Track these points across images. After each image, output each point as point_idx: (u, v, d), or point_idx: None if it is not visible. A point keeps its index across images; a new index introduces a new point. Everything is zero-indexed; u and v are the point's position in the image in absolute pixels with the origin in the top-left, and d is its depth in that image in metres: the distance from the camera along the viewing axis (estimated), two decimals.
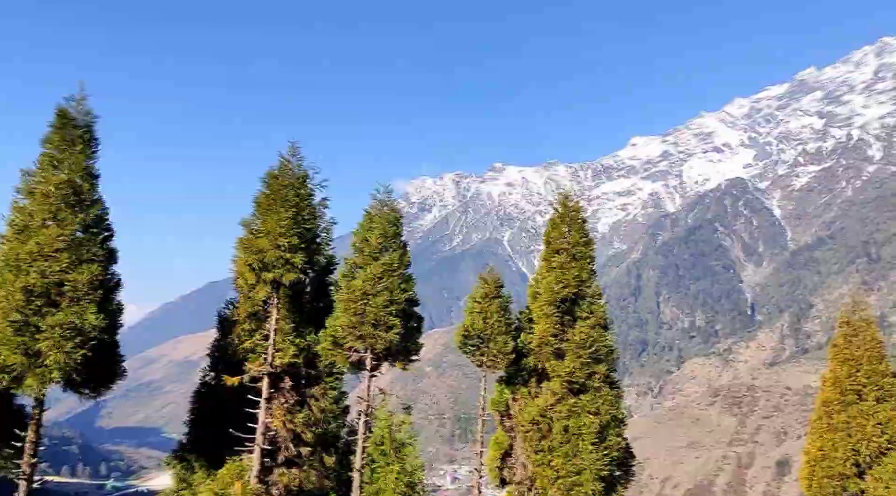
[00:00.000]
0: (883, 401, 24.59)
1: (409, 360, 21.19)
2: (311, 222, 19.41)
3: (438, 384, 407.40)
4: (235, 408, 19.19)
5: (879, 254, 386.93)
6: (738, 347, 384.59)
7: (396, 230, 20.96)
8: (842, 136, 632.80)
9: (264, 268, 18.40)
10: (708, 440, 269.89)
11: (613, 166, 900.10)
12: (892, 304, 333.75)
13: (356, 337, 19.87)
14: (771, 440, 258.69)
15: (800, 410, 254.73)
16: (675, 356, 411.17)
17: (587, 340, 22.61)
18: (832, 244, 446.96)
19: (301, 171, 19.50)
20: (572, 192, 26.03)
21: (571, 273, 23.22)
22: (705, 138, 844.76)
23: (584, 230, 24.36)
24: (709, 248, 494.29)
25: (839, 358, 25.84)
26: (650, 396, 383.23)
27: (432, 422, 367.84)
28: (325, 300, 21.13)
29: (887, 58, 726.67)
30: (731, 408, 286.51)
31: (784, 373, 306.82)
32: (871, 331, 25.89)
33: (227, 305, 21.29)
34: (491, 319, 22.88)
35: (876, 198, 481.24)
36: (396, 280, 20.26)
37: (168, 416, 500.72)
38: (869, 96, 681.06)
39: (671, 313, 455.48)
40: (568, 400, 22.30)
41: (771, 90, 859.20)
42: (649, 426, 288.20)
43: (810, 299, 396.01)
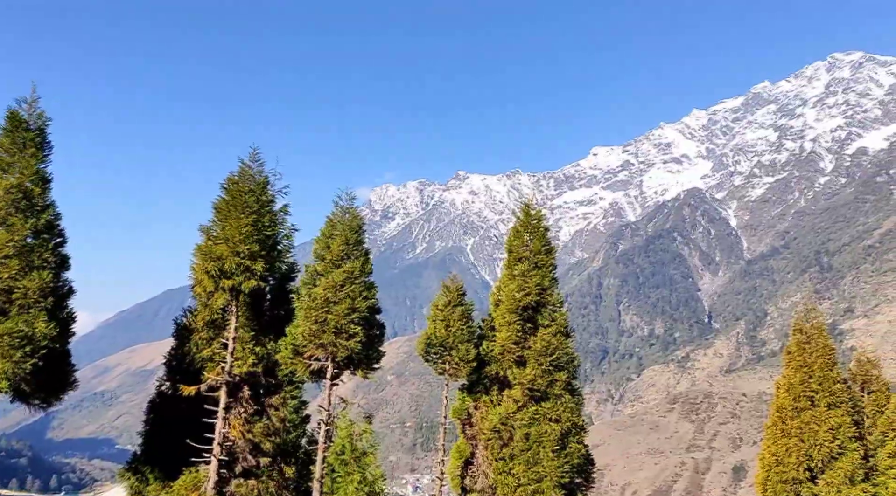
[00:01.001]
0: (834, 406, 25.21)
1: (370, 369, 20.99)
2: (271, 229, 19.11)
3: (401, 392, 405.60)
4: (192, 419, 18.76)
5: (831, 263, 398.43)
6: (695, 355, 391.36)
7: (359, 237, 20.79)
8: (795, 149, 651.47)
9: (223, 276, 18.06)
10: (666, 446, 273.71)
11: (575, 176, 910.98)
12: (843, 312, 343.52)
13: (317, 345, 19.63)
14: (727, 446, 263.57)
15: (755, 416, 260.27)
16: (634, 363, 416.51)
17: (549, 348, 22.73)
18: (786, 253, 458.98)
19: (262, 177, 19.20)
20: (534, 201, 26.21)
21: (533, 281, 23.36)
22: (664, 149, 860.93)
23: (546, 239, 24.53)
24: (668, 256, 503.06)
25: (793, 365, 26.44)
26: (610, 403, 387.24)
27: (394, 430, 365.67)
28: (285, 308, 20.79)
29: (837, 73, 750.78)
30: (688, 415, 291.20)
31: (740, 380, 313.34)
32: (822, 338, 26.57)
33: (185, 313, 20.81)
34: (453, 327, 22.86)
35: (827, 209, 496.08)
36: (358, 288, 20.09)
37: (122, 427, 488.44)
38: (820, 110, 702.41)
39: (631, 321, 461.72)
40: (529, 407, 22.37)
41: (727, 103, 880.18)
42: (609, 433, 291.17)
43: (765, 307, 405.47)
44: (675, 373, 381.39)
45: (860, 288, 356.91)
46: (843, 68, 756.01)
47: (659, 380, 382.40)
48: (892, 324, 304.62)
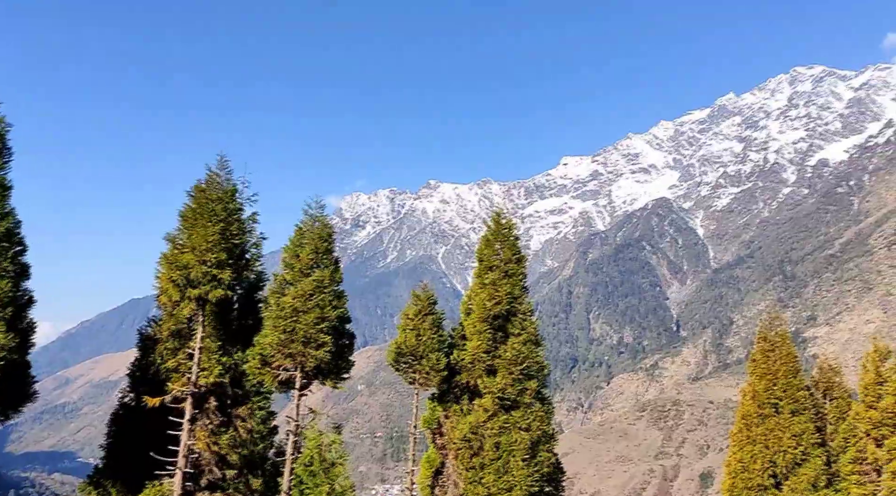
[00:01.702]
0: (798, 413, 25.66)
1: (340, 379, 20.81)
2: (239, 237, 18.88)
3: (371, 402, 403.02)
4: (156, 431, 18.39)
5: (794, 272, 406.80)
6: (663, 362, 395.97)
7: (328, 246, 20.63)
8: (759, 160, 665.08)
9: (189, 285, 17.77)
10: (635, 454, 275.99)
11: (545, 185, 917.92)
12: (806, 320, 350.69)
13: (285, 355, 19.40)
14: (695, 453, 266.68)
15: (722, 423, 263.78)
16: (604, 371, 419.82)
17: (519, 356, 22.77)
18: (751, 262, 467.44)
19: (230, 185, 18.96)
20: (505, 210, 26.30)
21: (504, 290, 23.40)
22: (633, 159, 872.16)
23: (516, 247, 24.61)
24: (636, 265, 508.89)
25: (757, 372, 26.87)
26: (580, 411, 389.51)
27: (364, 441, 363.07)
28: (253, 317, 20.52)
29: (799, 86, 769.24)
30: (657, 422, 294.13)
31: (707, 388, 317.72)
32: (786, 346, 27.06)
33: (150, 323, 20.44)
34: (424, 336, 22.78)
35: (790, 219, 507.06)
36: (328, 297, 19.91)
37: (84, 440, 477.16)
38: (783, 122, 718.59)
39: (601, 329, 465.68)
40: (500, 416, 22.35)
41: (693, 114, 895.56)
42: (579, 441, 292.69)
43: (731, 315, 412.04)
44: (643, 381, 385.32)
45: (822, 296, 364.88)
46: (804, 82, 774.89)
47: (628, 388, 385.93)
48: (853, 333, 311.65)
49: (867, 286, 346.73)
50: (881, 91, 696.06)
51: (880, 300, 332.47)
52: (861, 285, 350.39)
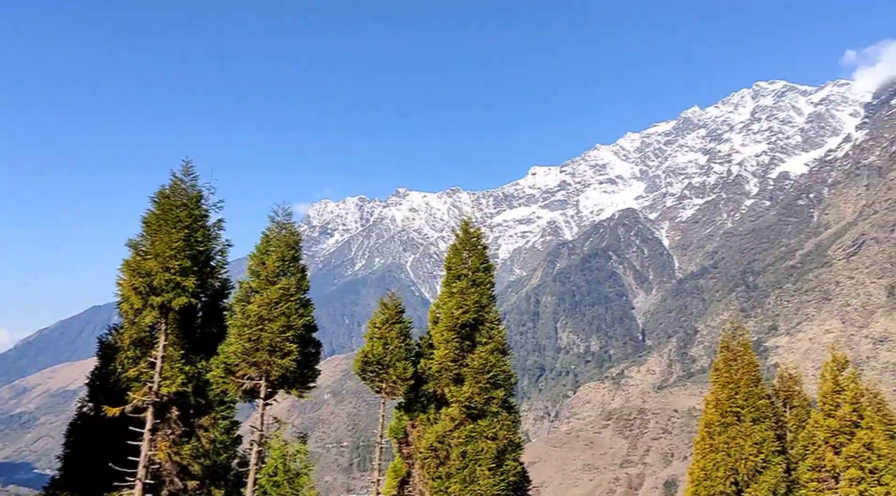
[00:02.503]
0: (759, 421, 26.09)
1: (305, 388, 20.59)
2: (204, 244, 18.61)
3: (337, 411, 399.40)
4: (116, 441, 17.98)
5: (756, 282, 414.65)
6: (629, 371, 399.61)
7: (295, 254, 20.44)
8: (723, 172, 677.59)
9: (152, 292, 17.45)
10: (601, 462, 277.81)
11: (514, 195, 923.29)
12: (768, 330, 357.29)
13: (250, 364, 19.14)
14: (659, 461, 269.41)
15: (686, 432, 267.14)
16: (571, 380, 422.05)
17: (486, 365, 22.79)
18: (714, 273, 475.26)
19: (195, 191, 18.69)
20: (474, 219, 26.37)
21: (472, 298, 23.43)
22: (600, 170, 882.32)
23: (485, 256, 24.67)
24: (603, 275, 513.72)
25: (720, 381, 27.29)
26: (547, 420, 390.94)
27: (330, 450, 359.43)
28: (217, 325, 20.20)
29: (762, 101, 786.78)
30: (622, 431, 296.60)
31: (671, 396, 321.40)
32: (748, 355, 27.53)
33: (110, 331, 20.00)
34: (391, 345, 22.68)
35: (752, 230, 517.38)
36: (294, 305, 19.72)
37: (41, 451, 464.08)
38: (746, 135, 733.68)
39: (568, 338, 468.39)
40: (466, 425, 22.32)
41: (659, 126, 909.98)
42: (546, 450, 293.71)
43: (695, 325, 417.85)
44: (609, 390, 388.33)
45: (783, 306, 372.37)
46: (766, 96, 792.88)
47: (594, 397, 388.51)
48: (813, 342, 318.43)
49: (826, 297, 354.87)
50: (840, 106, 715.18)
51: (839, 311, 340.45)
52: (820, 296, 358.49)
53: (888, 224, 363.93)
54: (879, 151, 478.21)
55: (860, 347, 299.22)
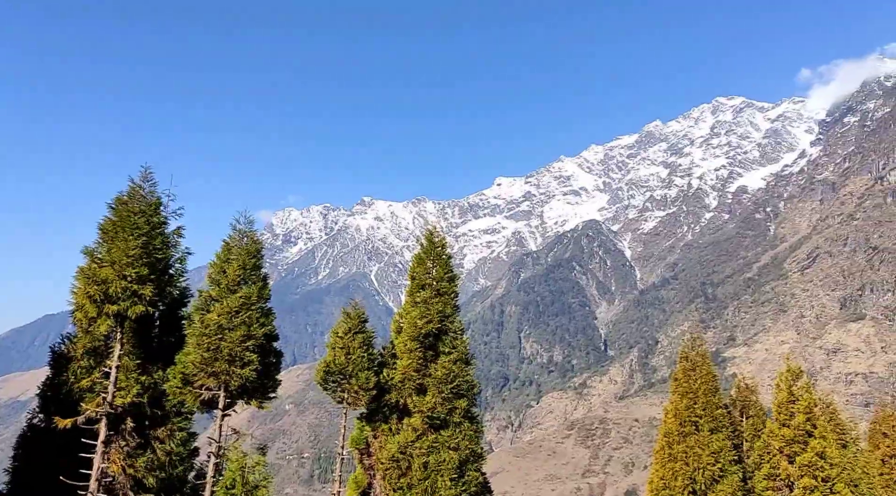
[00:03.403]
0: (716, 431, 26.51)
1: (266, 398, 20.25)
2: (163, 252, 18.23)
3: (299, 422, 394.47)
4: (68, 453, 17.46)
5: (715, 293, 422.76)
6: (592, 381, 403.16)
7: (256, 262, 20.15)
8: (683, 185, 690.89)
9: (108, 300, 17.03)
10: (563, 472, 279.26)
11: (479, 205, 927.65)
12: (726, 341, 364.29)
13: (209, 374, 18.77)
14: (620, 471, 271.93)
15: (646, 441, 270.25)
16: (534, 390, 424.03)
17: (449, 375, 22.74)
18: (675, 284, 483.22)
19: (154, 198, 18.32)
20: (439, 229, 26.38)
21: (435, 308, 23.39)
22: (564, 181, 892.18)
23: (449, 266, 24.66)
24: (567, 285, 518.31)
25: (679, 391, 27.68)
26: (510, 430, 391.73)
27: (291, 462, 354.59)
28: (175, 335, 19.77)
29: (721, 116, 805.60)
30: (584, 441, 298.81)
31: (633, 406, 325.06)
32: (706, 365, 27.99)
33: (63, 340, 19.44)
34: (353, 355, 22.48)
35: (712, 242, 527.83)
36: (255, 314, 19.42)
37: None
38: (706, 150, 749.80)
39: (531, 348, 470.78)
40: (429, 436, 22.22)
41: (622, 140, 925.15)
42: (509, 460, 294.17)
43: (656, 335, 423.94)
44: (572, 400, 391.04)
45: (741, 318, 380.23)
46: (725, 112, 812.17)
47: (557, 407, 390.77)
48: (769, 353, 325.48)
49: (782, 308, 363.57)
50: (795, 123, 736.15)
51: (794, 322, 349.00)
52: (776, 307, 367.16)
53: (841, 238, 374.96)
54: (833, 167, 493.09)
55: (814, 358, 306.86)
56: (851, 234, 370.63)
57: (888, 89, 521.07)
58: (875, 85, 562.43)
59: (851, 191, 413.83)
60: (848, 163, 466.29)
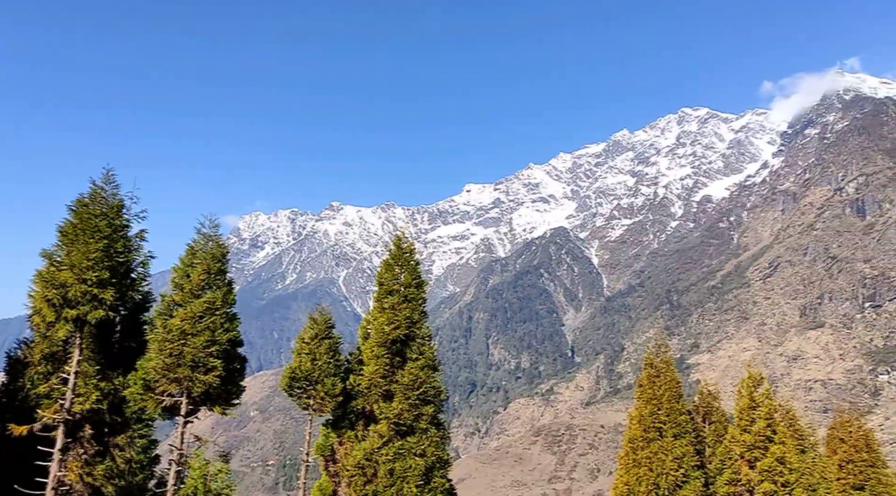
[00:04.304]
0: (680, 437, 26.86)
1: (229, 405, 19.98)
2: (125, 255, 17.89)
3: (264, 429, 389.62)
4: (23, 461, 16.99)
5: (680, 301, 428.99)
6: (559, 388, 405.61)
7: (221, 266, 19.89)
8: (649, 194, 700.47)
9: (67, 305, 16.64)
10: (530, 478, 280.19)
11: (449, 211, 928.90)
12: (690, 347, 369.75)
13: (171, 379, 18.46)
14: (586, 477, 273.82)
15: (612, 447, 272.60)
16: (501, 397, 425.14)
17: (416, 381, 22.68)
18: (641, 292, 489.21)
19: (116, 200, 17.98)
20: (408, 235, 26.35)
21: (403, 314, 23.33)
22: (533, 189, 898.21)
23: (417, 272, 24.63)
24: (535, 292, 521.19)
25: (644, 397, 27.99)
26: (477, 437, 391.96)
27: (255, 469, 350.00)
28: (137, 340, 19.40)
29: (686, 126, 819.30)
30: (551, 447, 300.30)
31: (599, 412, 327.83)
32: (670, 372, 28.36)
33: (20, 345, 18.96)
34: (320, 361, 22.32)
35: (677, 251, 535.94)
36: (219, 319, 19.15)
37: None
38: (672, 159, 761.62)
39: (499, 354, 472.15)
40: (395, 442, 22.12)
41: (590, 148, 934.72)
42: (475, 466, 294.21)
43: (622, 342, 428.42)
44: (539, 406, 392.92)
45: (705, 325, 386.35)
46: (691, 122, 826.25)
47: (524, 413, 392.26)
48: (732, 360, 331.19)
49: (744, 316, 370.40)
50: (758, 134, 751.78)
51: (756, 329, 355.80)
52: (739, 315, 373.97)
53: (801, 247, 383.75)
54: (794, 178, 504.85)
55: (775, 365, 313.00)
56: (811, 244, 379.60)
57: (847, 103, 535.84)
58: (835, 98, 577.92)
59: (812, 201, 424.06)
60: (808, 174, 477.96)
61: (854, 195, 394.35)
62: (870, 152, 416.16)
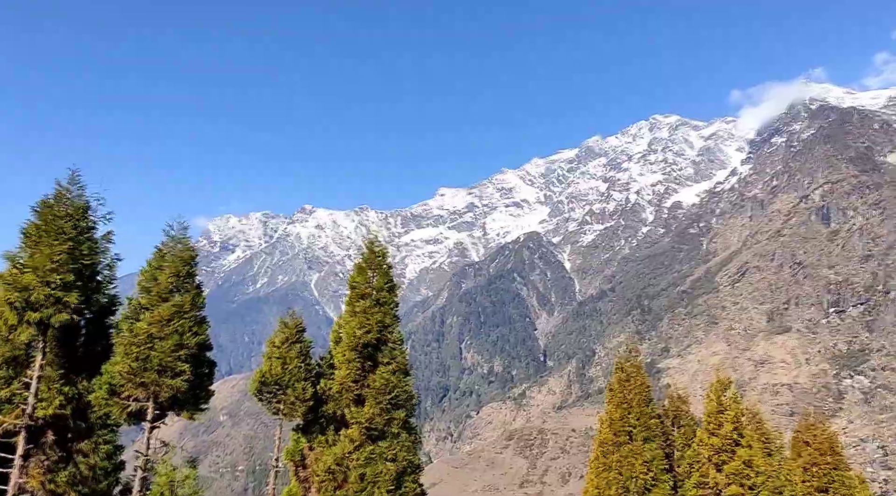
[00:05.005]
0: (649, 440, 27.13)
1: (197, 410, 19.70)
2: (90, 258, 17.54)
3: (234, 434, 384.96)
4: None
5: (650, 306, 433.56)
6: (531, 392, 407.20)
7: (190, 269, 19.62)
8: (621, 200, 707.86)
9: (29, 308, 16.27)
10: (502, 482, 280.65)
11: (422, 215, 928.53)
12: (660, 352, 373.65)
13: (137, 384, 18.14)
14: (557, 480, 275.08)
15: (583, 451, 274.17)
16: (474, 401, 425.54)
17: (388, 386, 22.59)
18: (612, 296, 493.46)
19: (81, 202, 17.63)
20: (381, 238, 26.29)
21: (375, 318, 23.24)
22: (506, 193, 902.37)
23: (389, 276, 24.57)
24: (508, 296, 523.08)
25: (614, 401, 28.23)
26: (449, 441, 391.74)
27: (224, 475, 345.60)
28: (103, 344, 19.03)
29: (657, 133, 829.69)
30: (523, 451, 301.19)
31: (570, 416, 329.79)
32: (640, 376, 28.65)
33: None
34: (290, 365, 22.12)
35: (648, 256, 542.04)
36: (188, 323, 18.88)
37: None
38: (643, 165, 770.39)
39: (472, 359, 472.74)
40: (366, 447, 22.00)
41: (563, 153, 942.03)
42: (447, 471, 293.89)
43: (594, 346, 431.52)
44: (511, 410, 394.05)
45: (675, 330, 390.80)
46: (662, 129, 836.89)
47: (497, 418, 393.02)
48: (701, 364, 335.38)
49: (713, 321, 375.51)
50: (727, 141, 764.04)
51: (724, 334, 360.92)
52: (708, 320, 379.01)
53: (768, 253, 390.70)
54: (761, 185, 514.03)
55: (743, 369, 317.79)
56: (778, 250, 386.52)
57: (813, 112, 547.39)
58: (801, 107, 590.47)
59: (779, 208, 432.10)
60: (776, 181, 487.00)
61: (819, 202, 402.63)
62: (835, 161, 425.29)
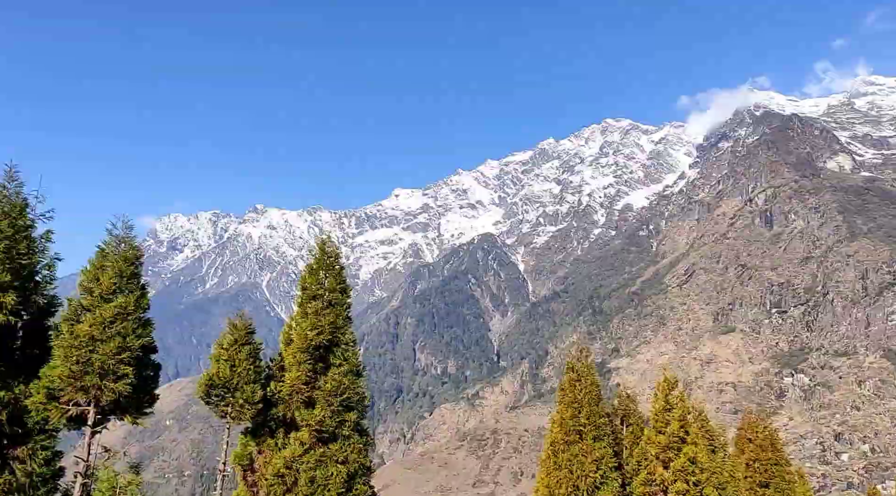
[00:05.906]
0: (599, 439, 27.52)
1: (141, 414, 19.17)
2: (28, 257, 16.93)
3: (180, 438, 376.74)
4: None
5: (601, 307, 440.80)
6: (484, 392, 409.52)
7: (135, 270, 19.08)
8: (574, 202, 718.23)
9: None
10: (454, 483, 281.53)
11: (377, 216, 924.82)
12: (611, 352, 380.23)
13: (78, 388, 17.54)
14: (510, 480, 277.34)
15: (535, 451, 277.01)
16: (428, 402, 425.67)
17: (339, 388, 22.37)
18: (565, 297, 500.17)
19: (19, 199, 17.01)
20: (335, 239, 26.04)
21: (327, 320, 23.00)
22: (461, 195, 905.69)
23: (342, 277, 24.35)
24: (462, 297, 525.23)
25: (565, 401, 28.54)
26: (403, 442, 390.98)
27: (170, 480, 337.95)
28: (41, 346, 18.38)
29: (609, 137, 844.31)
30: (475, 451, 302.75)
31: (523, 416, 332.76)
32: (591, 376, 29.03)
33: None
34: (239, 367, 21.71)
35: (599, 257, 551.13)
36: (131, 324, 18.36)
37: None
38: (596, 168, 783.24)
39: (426, 360, 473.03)
40: (316, 450, 21.74)
41: (517, 155, 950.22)
42: (400, 472, 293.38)
43: (546, 347, 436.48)
44: (465, 411, 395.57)
45: (625, 330, 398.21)
46: (613, 133, 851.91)
47: (450, 418, 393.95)
48: (650, 364, 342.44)
49: (662, 321, 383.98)
50: (676, 146, 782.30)
51: (672, 334, 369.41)
52: (657, 320, 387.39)
53: (714, 255, 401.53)
54: (708, 189, 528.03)
55: (690, 368, 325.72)
56: (724, 252, 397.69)
57: (757, 118, 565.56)
58: (746, 113, 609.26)
59: (724, 211, 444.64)
60: (721, 185, 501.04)
61: (763, 206, 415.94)
62: (777, 166, 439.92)
